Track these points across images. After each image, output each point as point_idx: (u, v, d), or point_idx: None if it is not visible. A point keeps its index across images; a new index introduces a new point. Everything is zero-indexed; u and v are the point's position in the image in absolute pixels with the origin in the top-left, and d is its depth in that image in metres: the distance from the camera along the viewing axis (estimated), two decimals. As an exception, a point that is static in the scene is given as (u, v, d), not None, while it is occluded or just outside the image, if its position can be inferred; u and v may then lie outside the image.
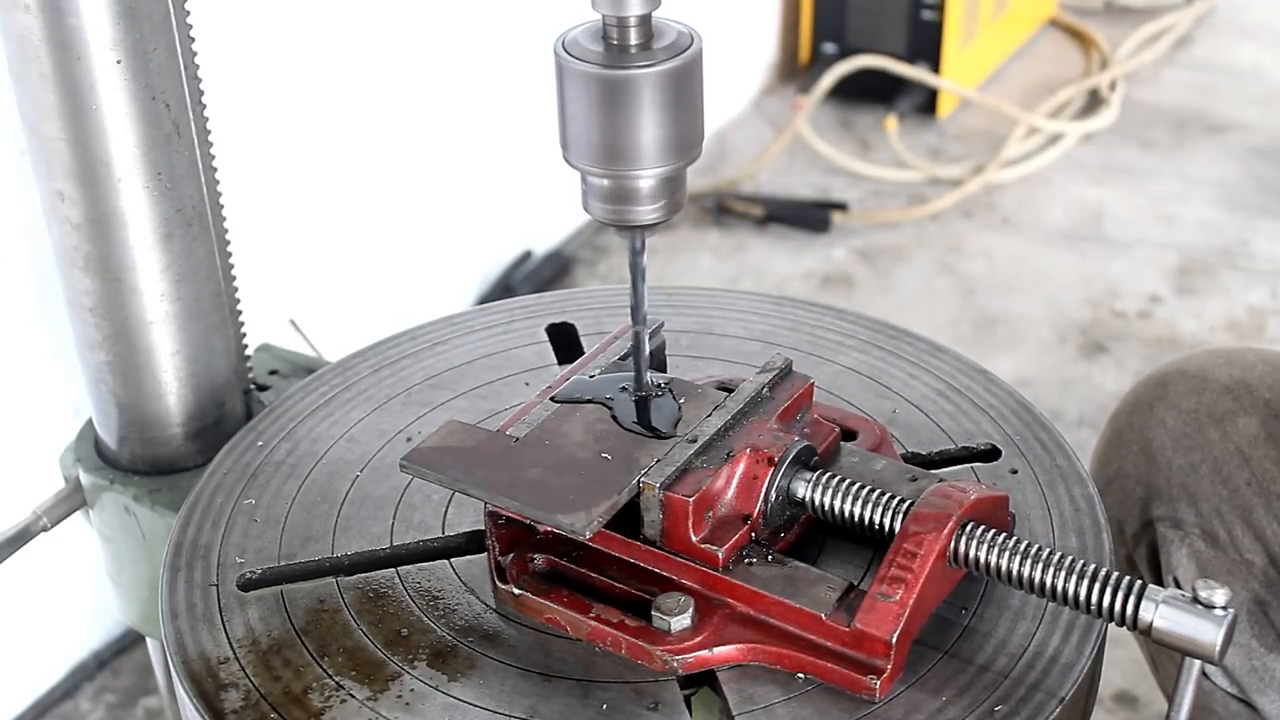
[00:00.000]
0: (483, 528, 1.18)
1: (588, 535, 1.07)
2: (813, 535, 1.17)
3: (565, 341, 1.49)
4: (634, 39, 1.05)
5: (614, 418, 1.18)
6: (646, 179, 1.09)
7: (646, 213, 1.10)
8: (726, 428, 1.15)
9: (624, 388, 1.21)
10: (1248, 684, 1.46)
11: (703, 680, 1.09)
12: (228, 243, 1.49)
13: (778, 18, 4.28)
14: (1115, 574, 1.04)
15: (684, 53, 1.05)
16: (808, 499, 1.14)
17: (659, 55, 1.05)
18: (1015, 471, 1.28)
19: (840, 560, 1.16)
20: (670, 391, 1.20)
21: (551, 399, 1.21)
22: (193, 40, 1.38)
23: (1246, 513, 1.46)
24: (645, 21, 1.05)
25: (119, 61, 1.31)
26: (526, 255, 3.35)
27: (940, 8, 3.99)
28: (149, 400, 1.47)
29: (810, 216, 3.63)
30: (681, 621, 1.09)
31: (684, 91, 1.06)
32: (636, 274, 1.16)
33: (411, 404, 1.40)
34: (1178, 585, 1.49)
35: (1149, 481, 1.54)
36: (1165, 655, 1.56)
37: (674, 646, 1.08)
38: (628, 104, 1.05)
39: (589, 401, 1.20)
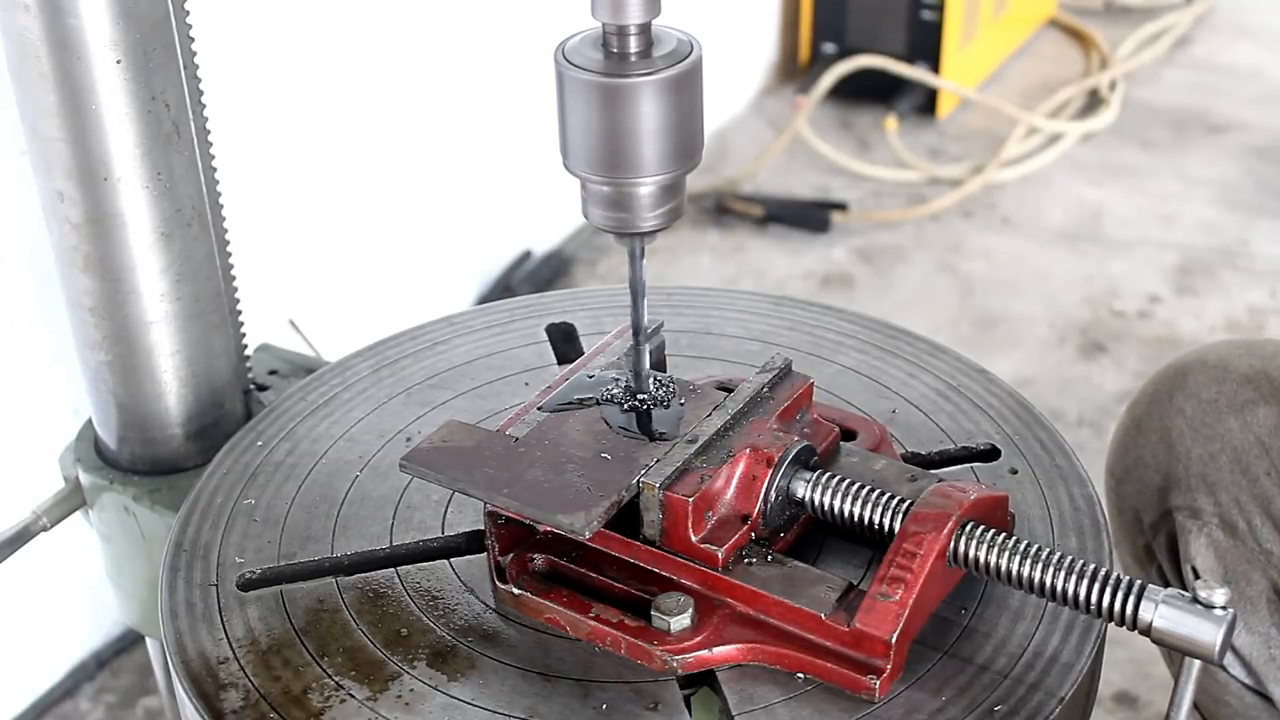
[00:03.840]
0: (483, 528, 1.18)
1: (587, 535, 1.07)
2: (812, 535, 1.17)
3: (565, 341, 1.49)
4: (634, 47, 1.05)
5: (608, 423, 1.18)
6: (646, 186, 1.09)
7: (646, 220, 1.11)
8: (726, 428, 1.15)
9: (618, 398, 1.20)
10: (1265, 673, 1.46)
11: (702, 680, 1.09)
12: (228, 243, 1.49)
13: (778, 18, 4.28)
14: (1115, 574, 1.04)
15: (684, 60, 1.06)
16: (807, 499, 1.14)
17: (658, 63, 1.05)
18: (1015, 471, 1.28)
19: (840, 560, 1.16)
20: (670, 395, 1.20)
21: (539, 409, 1.20)
22: (193, 40, 1.38)
23: (1266, 502, 1.46)
24: (645, 29, 1.05)
25: (119, 61, 1.31)
26: (526, 255, 3.35)
27: (940, 8, 3.99)
28: (149, 400, 1.47)
29: (810, 216, 3.63)
30: (681, 621, 1.09)
31: (684, 99, 1.06)
32: (636, 283, 1.16)
33: (411, 404, 1.40)
34: (1196, 575, 1.49)
35: (1168, 471, 1.54)
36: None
37: (674, 646, 1.08)
38: (628, 112, 1.05)
39: (580, 406, 1.20)
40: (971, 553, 1.07)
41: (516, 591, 1.14)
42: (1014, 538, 1.07)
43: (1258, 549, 1.47)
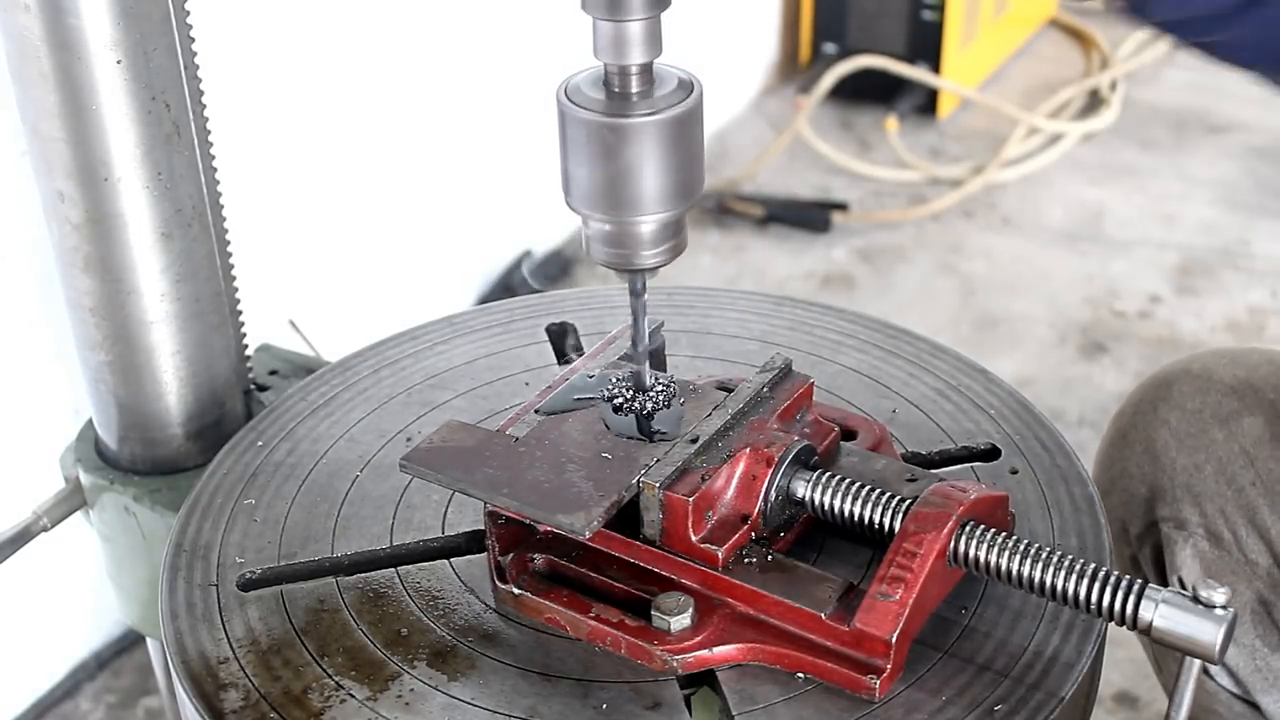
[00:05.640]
0: (483, 528, 1.18)
1: (587, 535, 1.07)
2: (813, 535, 1.17)
3: (565, 341, 1.49)
4: (635, 87, 1.06)
5: (607, 423, 1.18)
6: (648, 224, 1.09)
7: (648, 257, 1.12)
8: (726, 427, 1.15)
9: (618, 399, 1.20)
10: (1252, 684, 1.46)
11: (702, 680, 1.09)
12: (228, 243, 1.49)
13: (778, 18, 4.28)
14: (1115, 573, 1.04)
15: (684, 100, 1.06)
16: (807, 499, 1.14)
17: (660, 103, 1.06)
18: (1015, 471, 1.28)
19: (840, 560, 1.16)
20: (670, 395, 1.20)
21: (538, 409, 1.20)
22: (193, 40, 1.39)
23: (1251, 513, 1.46)
24: (647, 69, 1.06)
25: (119, 61, 1.31)
26: (526, 255, 3.35)
27: (940, 8, 3.99)
28: (149, 400, 1.47)
29: (810, 216, 3.63)
30: (681, 621, 1.09)
31: (684, 138, 1.07)
32: (637, 313, 1.16)
33: (411, 404, 1.40)
34: (1182, 586, 1.49)
35: (1153, 482, 1.54)
36: (1168, 656, 1.56)
37: (674, 646, 1.08)
38: (629, 151, 1.06)
39: (577, 409, 1.20)
40: (972, 552, 1.07)
41: (517, 591, 1.14)
42: (1014, 537, 1.07)
43: (1243, 559, 1.47)
